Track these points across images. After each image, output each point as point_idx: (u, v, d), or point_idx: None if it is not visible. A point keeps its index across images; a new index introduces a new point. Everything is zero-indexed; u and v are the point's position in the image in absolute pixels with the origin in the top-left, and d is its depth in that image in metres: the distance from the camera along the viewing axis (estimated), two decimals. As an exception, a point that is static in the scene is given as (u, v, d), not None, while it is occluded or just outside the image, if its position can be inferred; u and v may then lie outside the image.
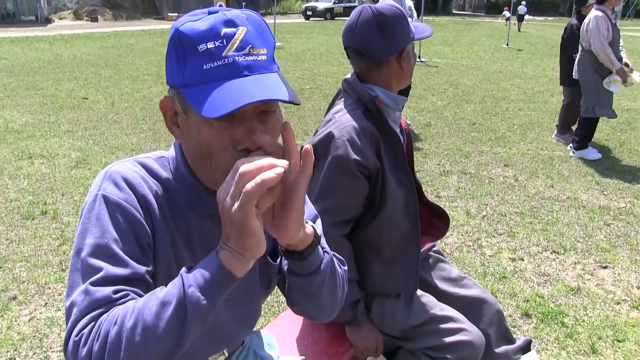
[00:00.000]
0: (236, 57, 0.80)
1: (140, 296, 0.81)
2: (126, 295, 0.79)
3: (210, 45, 0.80)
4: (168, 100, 0.89)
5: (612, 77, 4.85)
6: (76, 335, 0.75)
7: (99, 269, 0.80)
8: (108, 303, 0.78)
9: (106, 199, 0.85)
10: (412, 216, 1.60)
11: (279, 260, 1.06)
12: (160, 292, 0.74)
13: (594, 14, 4.93)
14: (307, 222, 0.87)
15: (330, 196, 1.50)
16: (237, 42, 0.81)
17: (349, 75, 1.62)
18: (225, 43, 0.80)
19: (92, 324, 0.76)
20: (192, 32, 0.81)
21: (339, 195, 1.51)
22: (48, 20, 25.01)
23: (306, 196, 1.12)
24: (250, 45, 0.82)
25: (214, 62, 0.79)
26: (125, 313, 0.74)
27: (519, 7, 23.16)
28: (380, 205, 1.55)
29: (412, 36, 1.58)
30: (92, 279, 0.79)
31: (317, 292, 0.95)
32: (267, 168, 0.69)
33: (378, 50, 1.52)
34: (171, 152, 0.96)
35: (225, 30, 0.81)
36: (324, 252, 0.95)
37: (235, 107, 0.75)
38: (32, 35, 17.63)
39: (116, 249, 0.82)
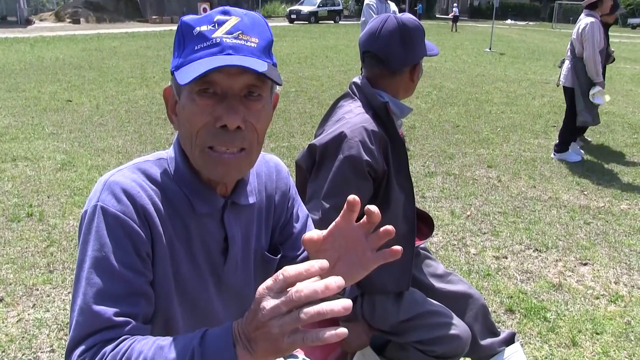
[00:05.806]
0: (224, 39, 0.84)
1: (140, 316, 0.83)
2: (128, 323, 0.81)
3: (203, 28, 0.85)
4: (170, 88, 0.93)
5: (596, 90, 4.87)
6: (78, 357, 0.77)
7: (98, 285, 0.82)
8: (110, 327, 0.80)
9: (104, 211, 0.86)
10: (410, 220, 1.65)
11: (278, 256, 1.09)
12: (169, 353, 0.73)
13: (588, 20, 4.84)
14: None
15: (340, 194, 1.51)
16: (228, 27, 0.85)
17: (357, 79, 1.66)
18: (217, 27, 0.85)
19: (94, 350, 0.77)
20: (191, 20, 0.88)
21: (348, 194, 1.54)
22: (28, 22, 24.68)
23: (298, 196, 1.16)
24: (240, 32, 0.85)
25: (204, 42, 0.84)
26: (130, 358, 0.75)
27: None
28: (381, 207, 1.58)
29: (426, 52, 1.64)
30: (90, 295, 0.81)
31: None
32: (328, 313, 0.62)
33: (397, 60, 1.57)
34: (170, 153, 0.98)
35: (219, 17, 0.86)
36: None
37: (204, 70, 0.79)
38: (11, 36, 17.39)
39: (115, 263, 0.83)
